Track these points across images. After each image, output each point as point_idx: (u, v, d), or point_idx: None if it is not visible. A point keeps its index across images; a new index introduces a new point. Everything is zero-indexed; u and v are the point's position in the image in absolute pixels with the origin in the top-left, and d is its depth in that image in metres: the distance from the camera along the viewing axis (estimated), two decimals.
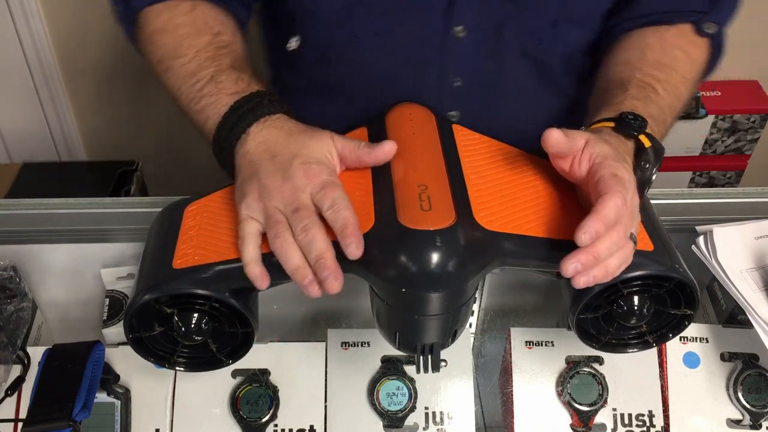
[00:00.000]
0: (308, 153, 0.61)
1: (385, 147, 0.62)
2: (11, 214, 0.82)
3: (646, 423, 0.73)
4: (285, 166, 0.60)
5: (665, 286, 0.61)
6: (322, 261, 0.56)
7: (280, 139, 0.63)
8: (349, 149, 0.63)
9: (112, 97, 1.89)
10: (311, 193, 0.59)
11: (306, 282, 0.56)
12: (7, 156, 1.96)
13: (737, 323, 0.77)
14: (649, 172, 0.62)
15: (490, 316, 0.84)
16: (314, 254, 0.56)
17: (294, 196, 0.58)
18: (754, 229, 0.76)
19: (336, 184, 0.59)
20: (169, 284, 0.58)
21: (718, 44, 0.81)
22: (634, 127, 0.63)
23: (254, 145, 0.63)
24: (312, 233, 0.56)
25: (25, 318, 0.79)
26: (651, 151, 0.62)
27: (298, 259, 0.57)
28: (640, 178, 0.62)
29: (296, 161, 0.60)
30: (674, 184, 1.90)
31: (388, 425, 0.73)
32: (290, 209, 0.58)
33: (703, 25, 0.78)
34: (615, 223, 0.55)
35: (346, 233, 0.56)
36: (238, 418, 0.72)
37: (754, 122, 1.82)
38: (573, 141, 0.59)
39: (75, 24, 1.75)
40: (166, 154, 1.94)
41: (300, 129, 0.64)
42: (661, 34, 0.79)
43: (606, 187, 0.56)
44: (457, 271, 0.55)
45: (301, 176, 0.59)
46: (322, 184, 0.59)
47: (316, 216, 0.58)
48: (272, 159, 0.61)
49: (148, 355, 0.62)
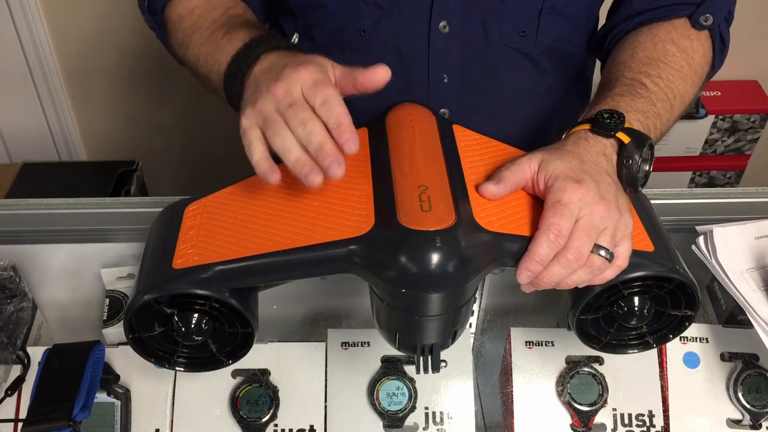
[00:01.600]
0: (303, 58, 0.61)
1: (379, 69, 0.61)
2: (11, 214, 0.83)
3: (646, 423, 0.73)
4: (279, 70, 0.60)
5: (666, 287, 0.61)
6: (323, 149, 0.56)
7: (281, 58, 0.63)
8: (343, 68, 0.62)
9: (112, 97, 1.89)
10: (303, 89, 0.58)
11: (305, 171, 0.56)
12: (7, 156, 1.96)
13: (737, 323, 0.77)
14: (635, 167, 0.62)
15: (490, 316, 0.84)
16: (314, 144, 0.56)
17: (286, 92, 0.58)
18: (754, 229, 0.76)
19: (327, 81, 0.59)
20: (169, 284, 0.58)
21: (719, 36, 0.80)
22: (610, 126, 0.63)
23: (258, 68, 0.64)
24: (309, 126, 0.56)
25: (25, 318, 0.79)
26: (632, 146, 0.62)
27: (298, 152, 0.57)
28: (626, 175, 0.62)
29: (290, 65, 0.60)
30: (674, 184, 1.90)
31: (388, 425, 0.73)
32: (284, 105, 0.58)
33: (698, 18, 0.78)
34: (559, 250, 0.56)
35: (341, 129, 0.56)
36: (238, 418, 0.72)
37: (754, 122, 1.82)
38: (520, 173, 0.61)
39: (75, 24, 1.75)
40: (166, 154, 1.94)
41: (302, 54, 0.64)
42: (653, 31, 0.79)
43: (541, 222, 0.57)
44: (457, 272, 0.55)
45: (292, 74, 0.59)
46: (313, 81, 0.58)
47: (310, 109, 0.58)
48: (270, 70, 0.62)
49: (148, 356, 0.62)
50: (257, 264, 0.58)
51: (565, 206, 0.57)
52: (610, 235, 0.58)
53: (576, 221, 0.57)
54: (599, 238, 0.57)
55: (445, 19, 0.80)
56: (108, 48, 1.78)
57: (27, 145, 1.93)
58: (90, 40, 1.77)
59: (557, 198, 0.57)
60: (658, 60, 0.75)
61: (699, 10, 0.78)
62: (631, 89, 0.71)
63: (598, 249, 0.57)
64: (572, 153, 0.61)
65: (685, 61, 0.77)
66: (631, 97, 0.70)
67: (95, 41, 1.77)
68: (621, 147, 0.63)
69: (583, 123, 0.66)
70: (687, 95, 0.76)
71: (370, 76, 0.61)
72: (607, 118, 0.63)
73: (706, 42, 0.80)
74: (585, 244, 0.56)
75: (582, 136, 0.64)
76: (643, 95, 0.70)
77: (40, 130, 1.91)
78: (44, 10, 1.73)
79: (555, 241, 0.56)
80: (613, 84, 0.73)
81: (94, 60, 1.81)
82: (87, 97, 1.89)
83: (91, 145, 1.99)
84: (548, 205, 0.57)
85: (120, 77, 1.84)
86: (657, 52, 0.76)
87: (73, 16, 1.74)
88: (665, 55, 0.76)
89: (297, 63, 0.60)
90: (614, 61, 0.79)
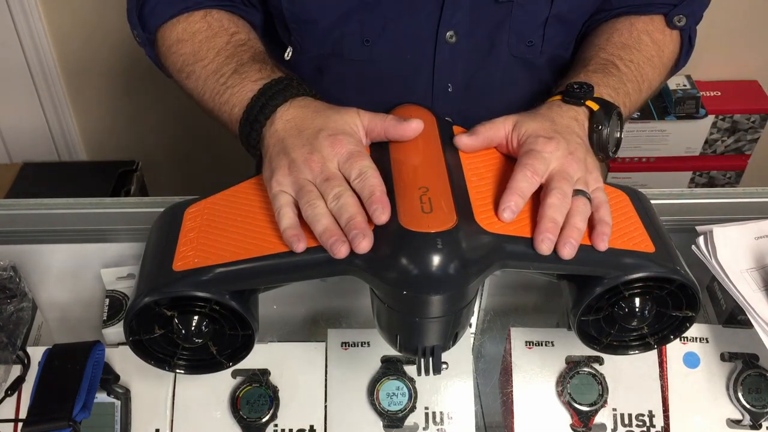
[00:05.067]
0: (334, 126, 0.62)
1: (412, 124, 0.63)
2: (11, 214, 0.82)
3: (646, 423, 0.73)
4: (311, 139, 0.61)
5: (666, 287, 0.61)
6: (353, 222, 0.56)
7: (307, 115, 0.64)
8: (375, 121, 0.64)
9: (112, 97, 1.89)
10: (339, 162, 0.60)
11: (332, 241, 0.56)
12: (7, 156, 1.96)
13: (737, 323, 0.77)
14: (605, 131, 0.66)
15: (490, 316, 0.84)
16: (345, 216, 0.57)
17: (323, 166, 0.59)
18: (754, 229, 0.76)
19: (362, 153, 0.60)
20: (169, 286, 0.58)
21: (688, 37, 0.85)
22: (579, 95, 0.67)
23: (282, 124, 0.64)
24: (344, 199, 0.57)
25: (25, 318, 0.79)
26: (601, 112, 0.67)
27: (327, 221, 0.57)
28: (596, 140, 0.67)
29: (322, 134, 0.61)
30: (674, 184, 1.90)
31: (388, 425, 0.73)
32: (320, 179, 0.59)
33: (673, 18, 0.82)
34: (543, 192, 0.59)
35: (372, 199, 0.57)
36: (238, 418, 0.72)
37: (754, 122, 1.82)
38: (494, 130, 0.64)
39: (75, 24, 1.75)
40: (166, 154, 1.94)
41: (326, 106, 0.65)
42: (631, 21, 0.83)
43: (516, 166, 0.61)
44: (458, 274, 0.55)
45: (327, 147, 0.60)
46: (348, 153, 0.60)
47: (346, 184, 0.59)
48: (299, 134, 0.62)
49: (148, 358, 0.62)
50: (258, 266, 0.58)
51: (539, 153, 0.61)
52: (584, 183, 0.61)
53: (550, 170, 0.60)
54: (575, 185, 0.60)
55: (453, 29, 0.80)
56: (108, 48, 1.78)
57: (27, 145, 1.93)
58: (90, 40, 1.77)
59: (530, 148, 0.61)
60: (632, 47, 0.80)
61: (674, 10, 0.83)
62: (604, 68, 0.76)
63: (577, 192, 0.60)
64: (545, 116, 0.66)
65: (656, 52, 0.81)
66: (603, 74, 0.75)
67: (95, 41, 1.77)
68: (591, 115, 0.67)
69: (555, 95, 0.70)
70: (654, 83, 0.81)
71: (403, 130, 0.63)
72: (576, 88, 0.68)
73: (676, 40, 0.85)
74: (565, 185, 0.59)
75: (555, 104, 0.68)
76: (614, 74, 0.75)
77: (40, 130, 1.91)
78: (44, 10, 1.73)
79: (531, 178, 0.59)
80: (587, 63, 0.78)
81: (94, 60, 1.81)
82: (87, 97, 1.89)
83: (91, 145, 1.99)
84: (522, 154, 0.61)
85: (120, 77, 1.84)
86: (632, 40, 0.81)
87: (73, 16, 1.74)
88: (639, 43, 0.81)
89: (329, 132, 0.61)
90: (590, 43, 0.83)
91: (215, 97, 0.72)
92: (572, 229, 0.58)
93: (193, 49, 0.76)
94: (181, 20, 0.79)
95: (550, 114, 0.66)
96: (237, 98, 0.69)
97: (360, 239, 0.55)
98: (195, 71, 0.75)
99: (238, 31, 0.78)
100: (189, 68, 0.76)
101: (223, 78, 0.72)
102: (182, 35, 0.78)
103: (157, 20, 0.79)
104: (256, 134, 0.66)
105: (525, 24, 0.81)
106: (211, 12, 0.79)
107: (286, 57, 0.86)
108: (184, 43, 0.78)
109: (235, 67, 0.72)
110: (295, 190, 0.60)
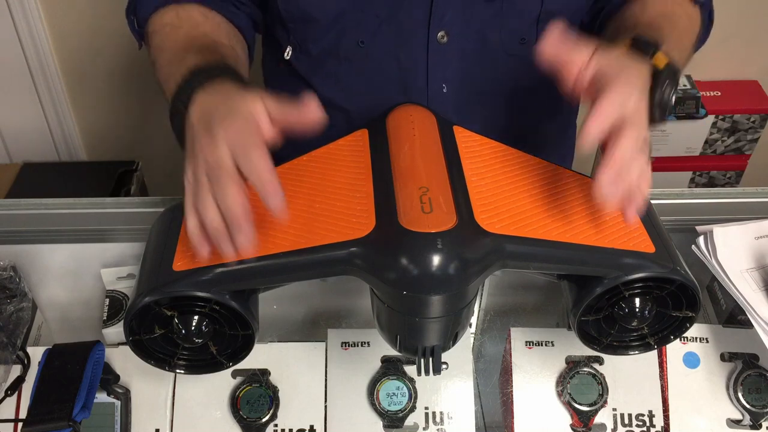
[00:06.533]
0: (233, 109, 0.59)
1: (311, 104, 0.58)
2: (11, 214, 0.82)
3: (646, 423, 0.73)
4: (209, 125, 0.59)
5: (667, 288, 0.61)
6: (233, 220, 0.55)
7: (216, 101, 0.62)
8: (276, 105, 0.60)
9: (112, 97, 1.89)
10: (229, 146, 0.57)
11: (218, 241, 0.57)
12: (7, 156, 1.95)
13: (737, 323, 0.77)
14: (667, 94, 0.61)
15: (490, 316, 0.84)
16: (229, 213, 0.56)
17: (212, 153, 0.57)
18: (754, 229, 0.76)
19: (253, 138, 0.57)
20: (169, 286, 0.58)
21: (708, 13, 0.83)
22: (650, 47, 0.62)
23: (194, 111, 0.62)
24: (227, 190, 0.56)
25: (25, 318, 0.79)
26: (668, 71, 0.61)
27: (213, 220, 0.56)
28: (658, 99, 0.61)
29: (218, 119, 0.59)
30: (674, 184, 1.90)
31: (388, 425, 0.73)
32: (211, 168, 0.57)
33: None
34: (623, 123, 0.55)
35: (266, 189, 0.55)
36: (238, 418, 0.72)
37: (754, 122, 1.82)
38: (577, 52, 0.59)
39: (75, 24, 1.75)
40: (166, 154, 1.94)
41: (235, 90, 0.62)
42: None
43: (605, 90, 0.55)
44: (458, 274, 0.54)
45: (219, 130, 0.58)
46: (240, 140, 0.57)
47: (233, 174, 0.56)
48: (202, 120, 0.60)
49: (148, 358, 0.62)
50: (258, 266, 0.58)
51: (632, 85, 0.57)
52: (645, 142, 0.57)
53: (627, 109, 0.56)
54: None
55: (444, 30, 0.80)
56: (108, 48, 1.78)
57: (27, 145, 1.93)
58: (90, 40, 1.77)
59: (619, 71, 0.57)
60: (671, 15, 0.76)
61: None
62: (652, 29, 0.70)
63: None
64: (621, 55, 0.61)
65: (689, 23, 0.79)
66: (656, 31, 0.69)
67: (95, 41, 1.77)
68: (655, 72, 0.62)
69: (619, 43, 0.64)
70: (689, 56, 0.77)
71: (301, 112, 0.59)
72: (645, 39, 0.63)
73: (700, 16, 0.82)
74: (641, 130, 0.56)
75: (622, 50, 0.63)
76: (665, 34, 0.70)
77: (40, 130, 1.91)
78: (44, 10, 1.73)
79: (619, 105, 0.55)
80: (634, 25, 0.72)
81: (95, 60, 1.81)
82: (87, 97, 1.89)
83: (91, 145, 1.99)
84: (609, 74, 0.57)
85: (120, 77, 1.84)
86: (667, 10, 0.77)
87: (73, 16, 1.74)
88: (674, 15, 0.77)
89: (224, 115, 0.59)
90: (622, 15, 0.79)
91: (164, 88, 0.71)
92: (639, 193, 0.55)
93: (160, 40, 0.76)
94: (159, 13, 0.79)
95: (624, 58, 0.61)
96: (172, 83, 0.67)
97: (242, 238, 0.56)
98: (158, 62, 0.75)
99: (202, 22, 0.77)
100: (154, 59, 0.76)
101: (170, 67, 0.71)
102: (156, 27, 0.78)
103: (143, 14, 0.80)
104: (178, 123, 0.65)
105: (516, 22, 0.81)
106: (186, 6, 0.78)
107: (286, 56, 0.87)
108: (155, 35, 0.78)
109: (182, 56, 0.71)
110: (194, 183, 0.59)
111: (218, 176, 0.56)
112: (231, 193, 0.56)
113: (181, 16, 0.78)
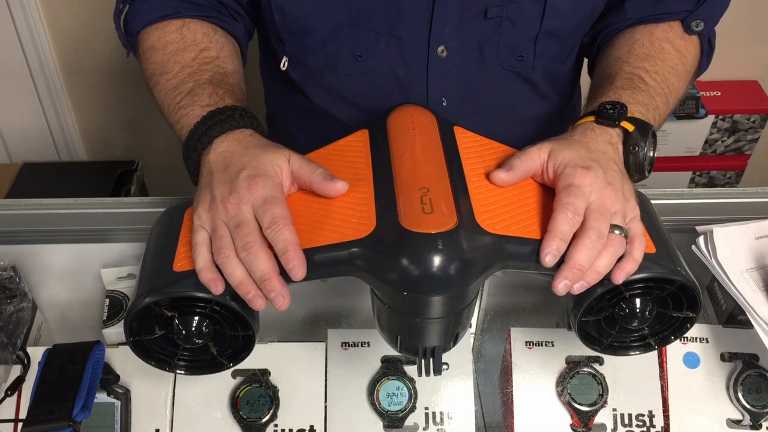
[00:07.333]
0: (257, 166, 0.60)
1: (338, 185, 0.61)
2: (11, 214, 0.82)
3: (646, 423, 0.73)
4: (233, 177, 0.59)
5: (667, 288, 0.61)
6: (267, 282, 0.56)
7: (237, 151, 0.62)
8: (304, 170, 0.61)
9: (112, 97, 1.89)
10: (253, 206, 0.58)
11: (249, 297, 0.57)
12: (7, 156, 1.95)
13: (737, 323, 0.77)
14: (642, 153, 0.64)
15: (490, 316, 0.84)
16: (258, 274, 0.56)
17: (237, 209, 0.58)
18: (754, 229, 0.76)
19: (277, 199, 0.58)
20: (169, 287, 0.58)
21: (707, 41, 0.83)
22: (613, 116, 0.65)
23: (214, 156, 0.63)
24: (253, 252, 0.56)
25: (25, 318, 0.79)
26: (637, 133, 0.64)
27: (241, 274, 0.57)
28: (633, 161, 0.65)
29: (243, 173, 0.59)
30: (674, 184, 1.90)
31: (388, 425, 0.73)
32: (233, 224, 0.58)
33: (690, 23, 0.81)
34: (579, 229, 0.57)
35: (287, 256, 0.55)
36: (238, 418, 0.72)
37: (754, 122, 1.82)
38: (530, 162, 0.62)
39: (75, 24, 1.75)
40: (166, 154, 1.94)
41: (259, 143, 0.63)
42: (650, 30, 0.81)
43: (556, 204, 0.58)
44: (458, 274, 0.54)
45: (244, 189, 0.58)
46: (263, 199, 0.58)
47: (257, 232, 0.57)
48: (225, 170, 0.61)
49: (148, 359, 0.62)
50: None
51: (578, 188, 0.58)
52: (621, 217, 0.59)
53: (588, 204, 0.58)
54: (612, 219, 0.58)
55: (443, 44, 0.80)
56: (108, 48, 1.78)
57: (27, 145, 1.93)
58: (90, 40, 1.77)
59: (569, 182, 0.59)
60: (656, 57, 0.78)
61: (691, 16, 0.80)
62: (630, 83, 0.73)
63: (613, 228, 0.58)
64: (580, 142, 0.64)
65: (679, 59, 0.79)
66: (632, 91, 0.72)
67: (95, 41, 1.77)
68: (626, 136, 0.65)
69: (587, 115, 0.67)
70: (680, 92, 0.79)
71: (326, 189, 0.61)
72: (610, 109, 0.65)
73: (696, 44, 0.83)
74: (602, 224, 0.57)
75: (588, 127, 0.66)
76: (642, 89, 0.73)
77: (40, 130, 1.91)
78: (44, 10, 1.73)
79: (573, 219, 0.57)
80: (613, 78, 0.75)
81: (94, 60, 1.81)
82: (87, 97, 1.89)
83: (91, 145, 1.99)
84: (560, 189, 0.59)
85: (120, 77, 1.84)
86: (654, 50, 0.78)
87: (72, 15, 1.73)
88: (662, 52, 0.78)
89: (250, 172, 0.59)
90: (610, 56, 0.81)
91: (171, 114, 0.72)
92: (593, 273, 0.57)
93: (163, 60, 0.76)
94: (159, 27, 0.78)
95: (585, 139, 0.64)
96: (185, 121, 0.68)
97: (280, 300, 0.56)
98: (159, 83, 0.75)
99: (208, 47, 0.77)
100: (155, 78, 0.76)
101: (179, 96, 0.71)
102: (156, 43, 0.78)
103: (138, 24, 0.79)
104: (194, 161, 0.65)
105: (515, 39, 0.81)
106: (189, 23, 0.78)
107: (282, 67, 0.86)
108: (155, 51, 0.77)
109: (192, 87, 0.71)
110: (211, 229, 0.59)
111: (242, 235, 0.57)
112: (262, 259, 0.56)
113: (186, 37, 0.77)
